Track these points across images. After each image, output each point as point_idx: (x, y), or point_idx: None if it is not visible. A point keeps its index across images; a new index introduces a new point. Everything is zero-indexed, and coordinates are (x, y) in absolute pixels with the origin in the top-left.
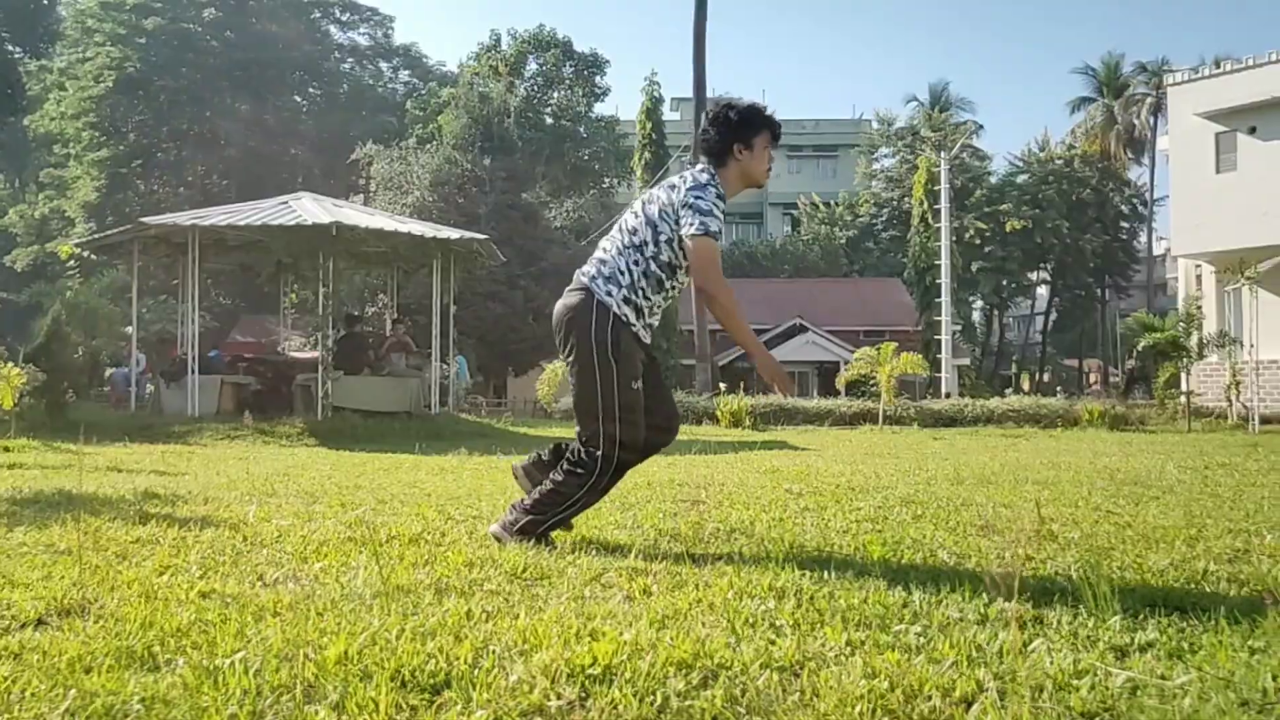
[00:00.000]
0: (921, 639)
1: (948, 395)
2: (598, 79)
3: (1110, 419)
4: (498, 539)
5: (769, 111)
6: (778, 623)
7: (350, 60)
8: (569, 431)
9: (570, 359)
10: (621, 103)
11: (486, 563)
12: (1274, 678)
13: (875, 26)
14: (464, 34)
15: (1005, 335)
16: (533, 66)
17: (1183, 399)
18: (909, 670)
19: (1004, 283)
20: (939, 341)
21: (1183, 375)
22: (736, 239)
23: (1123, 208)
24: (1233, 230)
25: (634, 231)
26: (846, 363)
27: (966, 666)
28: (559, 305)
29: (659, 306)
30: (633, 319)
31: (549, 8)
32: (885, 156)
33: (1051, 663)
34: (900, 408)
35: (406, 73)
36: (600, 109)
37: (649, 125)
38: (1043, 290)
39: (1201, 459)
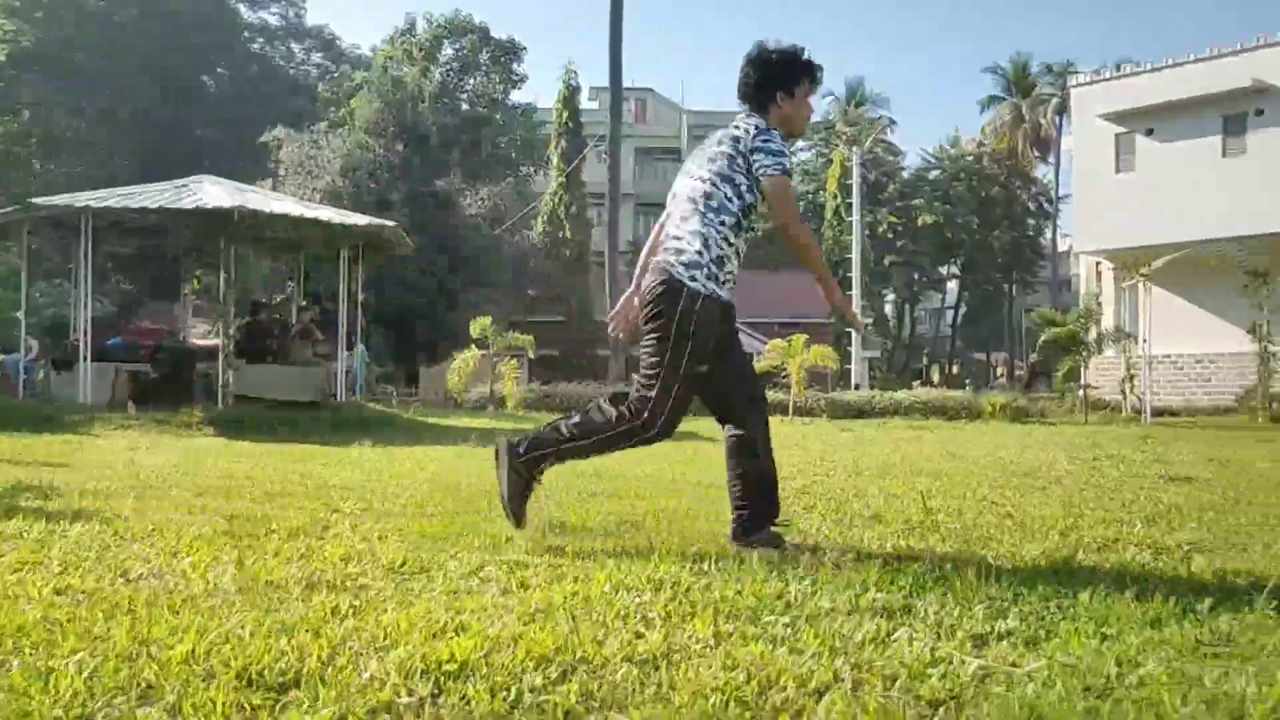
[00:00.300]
0: (789, 630)
1: (857, 387)
2: (515, 66)
3: (1012, 411)
4: (527, 455)
5: (809, 56)
6: (650, 615)
7: (261, 40)
8: (478, 422)
9: (649, 328)
10: (540, 90)
11: (365, 556)
12: (1118, 663)
13: (795, 20)
14: (378, 16)
15: (917, 328)
16: (448, 51)
17: (1081, 392)
18: (770, 661)
19: (915, 276)
20: (851, 334)
21: (1082, 369)
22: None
23: (1030, 205)
24: (1130, 228)
25: (709, 196)
26: (761, 354)
27: (827, 657)
28: (646, 284)
29: (742, 252)
30: (720, 290)
31: None
32: (802, 150)
33: (910, 652)
34: (811, 399)
35: (319, 55)
36: (518, 96)
37: (565, 114)
38: (953, 285)
39: (1093, 450)
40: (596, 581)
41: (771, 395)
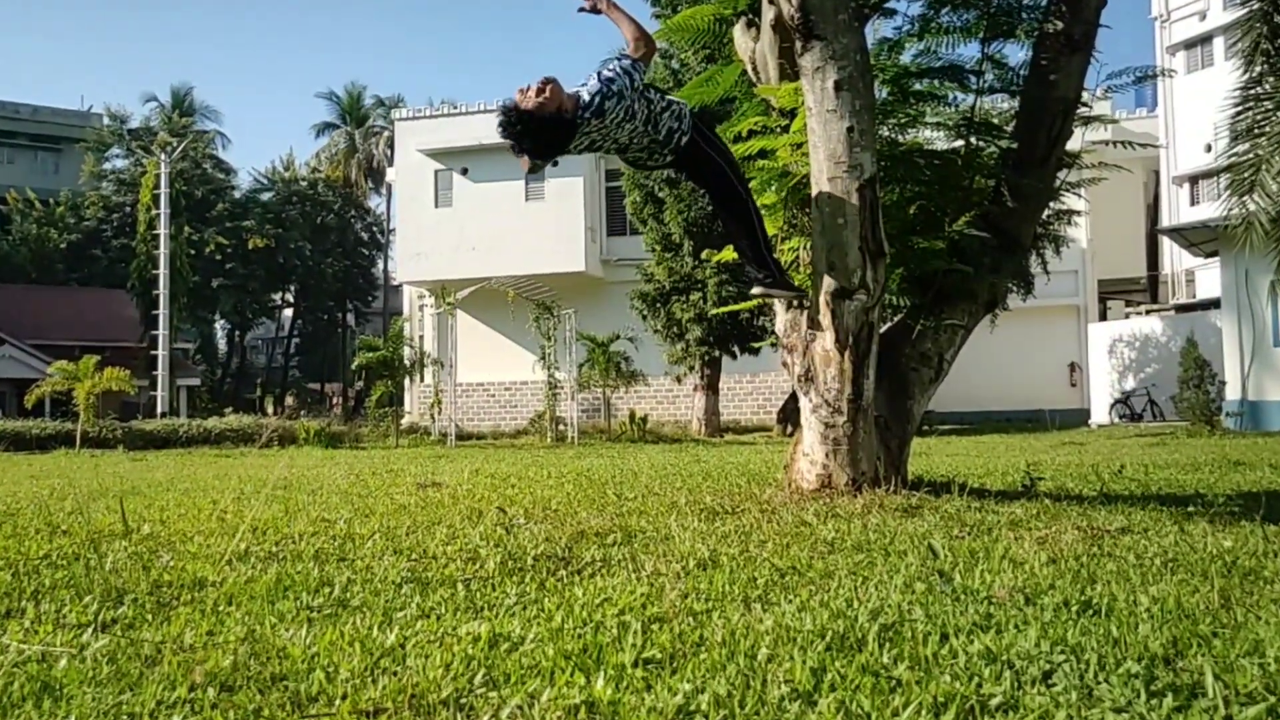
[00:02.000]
0: None
1: (163, 415)
2: None
3: (327, 437)
4: None
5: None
6: None
7: None
8: None
9: None
10: None
11: None
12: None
13: (110, 11)
14: None
15: (249, 356)
16: None
17: (396, 416)
18: None
19: (247, 301)
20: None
21: (408, 395)
22: None
23: (363, 235)
24: (447, 261)
25: None
26: (44, 379)
27: None
28: None
29: None
30: None
31: None
32: (117, 157)
33: None
34: (106, 429)
35: None
36: None
37: None
38: (288, 313)
39: (375, 468)
40: None
41: (61, 425)
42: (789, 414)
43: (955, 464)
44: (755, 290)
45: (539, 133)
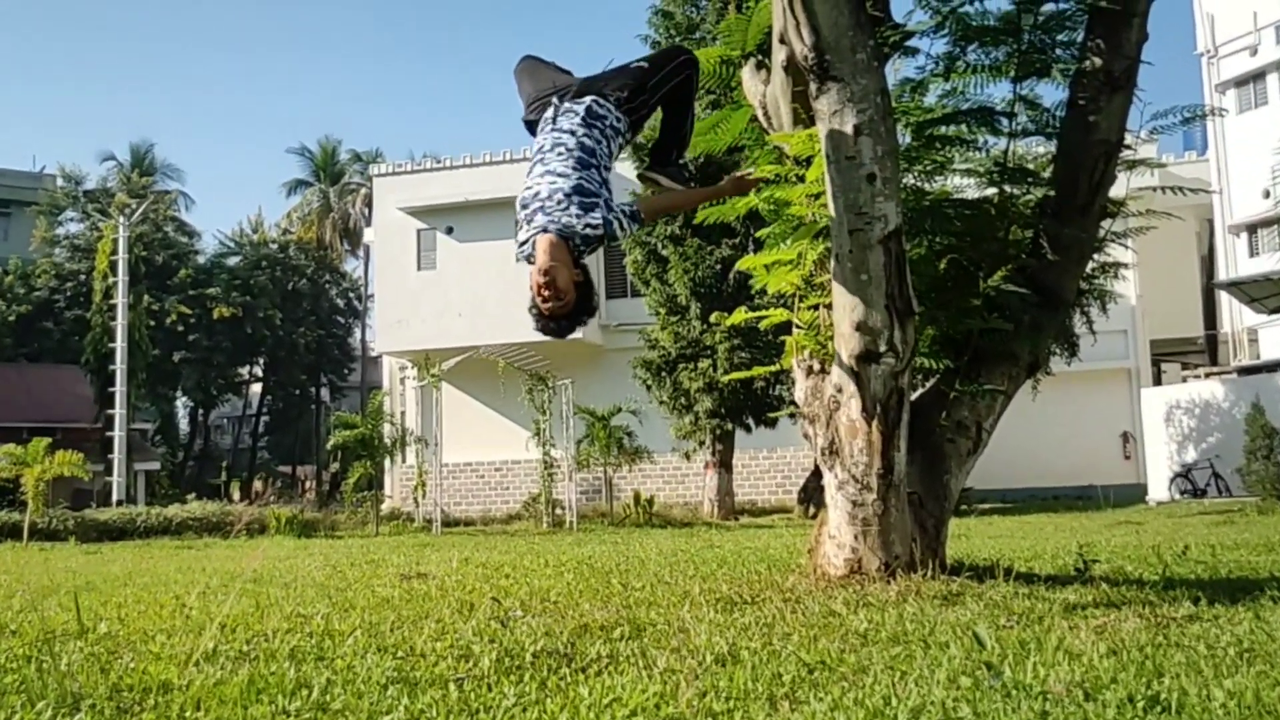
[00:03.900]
0: None
1: (119, 503)
2: None
3: (300, 525)
4: None
5: None
6: None
7: None
8: None
9: None
10: None
11: None
12: None
13: (62, 67)
14: None
15: (214, 436)
16: None
17: (376, 501)
18: None
19: (211, 376)
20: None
21: (388, 478)
22: None
23: (339, 301)
24: (430, 329)
25: None
26: None
27: None
28: None
29: None
30: None
31: None
32: (72, 221)
33: None
34: (57, 519)
35: None
36: None
37: None
38: (256, 388)
39: (350, 557)
40: None
41: (5, 516)
42: (811, 493)
43: (999, 546)
44: (640, 170)
45: (575, 311)
